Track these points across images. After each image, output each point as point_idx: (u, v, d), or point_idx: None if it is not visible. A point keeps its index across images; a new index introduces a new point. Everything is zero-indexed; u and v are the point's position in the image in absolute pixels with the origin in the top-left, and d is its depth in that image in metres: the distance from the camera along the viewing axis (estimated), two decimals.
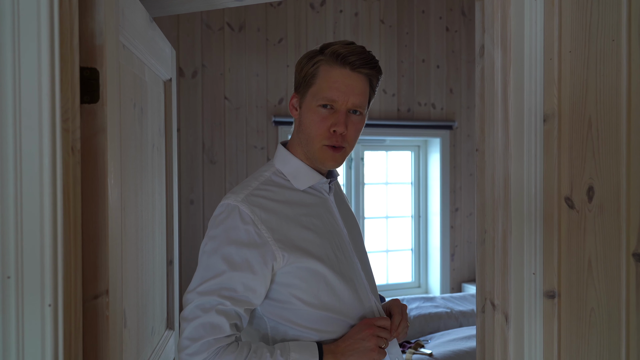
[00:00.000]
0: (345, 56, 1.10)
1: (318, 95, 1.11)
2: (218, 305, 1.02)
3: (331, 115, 1.11)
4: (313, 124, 1.11)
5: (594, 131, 0.99)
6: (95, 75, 0.93)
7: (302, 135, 1.14)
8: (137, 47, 1.23)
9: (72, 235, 0.84)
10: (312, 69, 1.12)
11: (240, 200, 1.08)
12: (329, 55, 1.11)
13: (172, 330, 1.65)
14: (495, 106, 1.14)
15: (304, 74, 1.13)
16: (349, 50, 1.10)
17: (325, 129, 1.11)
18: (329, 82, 1.10)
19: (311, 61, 1.13)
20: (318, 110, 1.11)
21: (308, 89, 1.13)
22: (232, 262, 1.04)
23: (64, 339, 0.80)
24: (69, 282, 0.83)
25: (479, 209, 1.22)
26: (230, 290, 1.03)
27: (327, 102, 1.10)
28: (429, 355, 2.63)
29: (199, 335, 1.01)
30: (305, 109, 1.13)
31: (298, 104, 1.16)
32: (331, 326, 1.10)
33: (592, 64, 0.99)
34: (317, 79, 1.11)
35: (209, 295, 1.03)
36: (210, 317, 1.01)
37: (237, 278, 1.04)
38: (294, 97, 1.17)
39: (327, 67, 1.11)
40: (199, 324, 1.01)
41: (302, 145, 1.16)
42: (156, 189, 1.47)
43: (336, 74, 1.10)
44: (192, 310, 1.03)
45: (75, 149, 0.86)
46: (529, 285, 1.08)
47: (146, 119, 1.34)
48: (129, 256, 1.16)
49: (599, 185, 0.99)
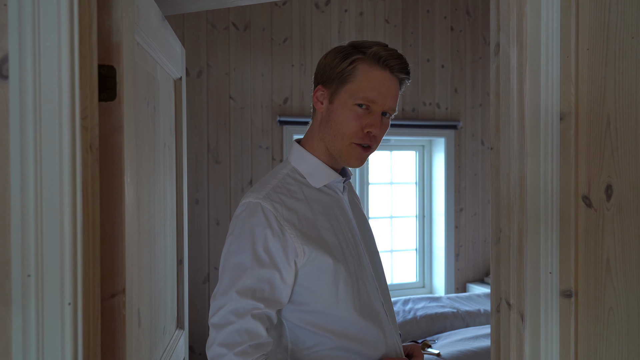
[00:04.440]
0: (386, 59, 1.11)
1: (357, 94, 1.10)
2: (253, 310, 1.01)
3: (366, 116, 1.11)
4: (346, 122, 1.11)
5: (612, 129, 0.99)
6: (112, 73, 0.92)
7: (329, 130, 1.13)
8: (151, 45, 1.22)
9: (90, 234, 0.84)
10: (350, 67, 1.11)
11: (262, 197, 1.07)
12: (371, 57, 1.11)
13: (182, 330, 1.65)
14: (510, 104, 1.13)
15: (340, 70, 1.12)
16: (390, 53, 1.11)
17: (359, 128, 1.11)
18: (370, 82, 1.10)
19: (348, 58, 1.12)
20: (354, 109, 1.11)
21: (343, 85, 1.12)
22: (261, 260, 1.03)
23: (83, 338, 0.80)
24: (88, 280, 0.82)
25: (493, 207, 1.21)
26: (262, 290, 1.02)
27: (366, 103, 1.10)
28: (437, 355, 2.62)
29: (235, 342, 0.99)
30: (339, 105, 1.12)
31: (326, 97, 1.15)
32: (348, 328, 1.10)
33: (610, 61, 0.99)
34: (356, 77, 1.11)
35: (243, 299, 1.01)
36: (245, 322, 1.00)
37: (267, 276, 1.03)
38: (320, 90, 1.15)
39: (366, 67, 1.11)
40: (234, 330, 0.99)
41: (326, 140, 1.15)
42: (167, 188, 1.46)
43: (377, 75, 1.11)
44: (225, 316, 1.01)
45: (93, 146, 0.85)
46: (545, 285, 1.07)
47: (158, 118, 1.33)
48: (143, 255, 1.16)
49: (618, 183, 0.98)
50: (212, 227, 3.27)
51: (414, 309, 3.19)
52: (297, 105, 3.48)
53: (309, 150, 1.18)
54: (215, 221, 3.27)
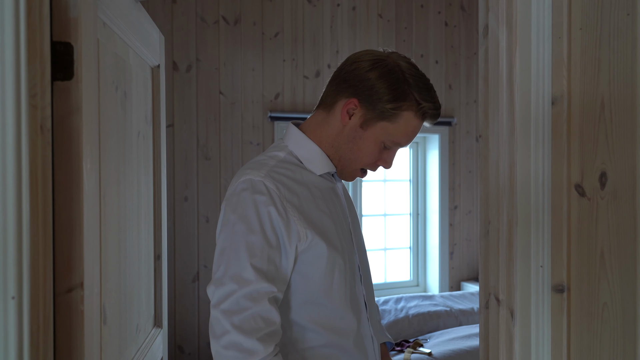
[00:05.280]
0: (431, 116, 1.11)
1: (391, 137, 1.10)
2: (269, 295, 0.96)
3: (385, 151, 1.13)
4: (369, 154, 1.12)
5: (607, 112, 0.93)
6: (70, 51, 0.86)
7: (347, 150, 1.11)
8: (120, 27, 1.15)
9: (41, 223, 0.77)
10: (397, 109, 1.07)
11: (263, 176, 1.02)
12: (421, 112, 1.09)
13: (160, 328, 1.58)
14: (500, 89, 1.07)
15: (388, 104, 1.07)
16: (435, 113, 1.12)
17: (374, 160, 1.13)
18: (407, 131, 1.10)
19: (399, 99, 1.07)
20: (380, 145, 1.11)
21: (382, 119, 1.08)
22: (269, 240, 0.98)
23: (30, 334, 0.73)
24: (37, 272, 0.76)
25: (482, 198, 1.15)
26: (272, 272, 0.97)
27: (393, 146, 1.12)
28: (428, 354, 2.56)
29: (253, 328, 0.93)
30: (369, 136, 1.10)
31: (358, 118, 1.09)
32: (336, 322, 1.06)
33: (604, 40, 0.93)
34: (398, 121, 1.09)
35: (258, 282, 0.95)
36: (261, 308, 0.94)
37: (273, 256, 0.98)
38: (354, 105, 1.08)
39: (411, 116, 1.09)
40: (249, 316, 0.93)
41: (339, 152, 1.12)
42: (142, 179, 1.39)
43: (415, 125, 1.11)
44: (239, 301, 0.94)
45: (44, 127, 0.79)
46: (536, 279, 1.01)
47: (130, 104, 1.27)
48: (110, 248, 1.09)
49: (613, 170, 0.92)
50: (202, 225, 3.20)
51: (406, 307, 3.12)
52: (289, 101, 3.42)
53: (312, 137, 1.13)
54: (205, 218, 3.21)
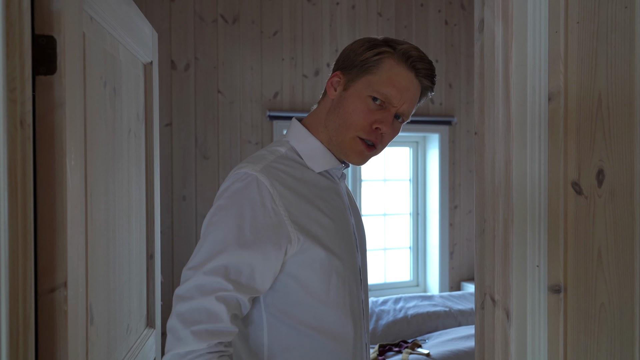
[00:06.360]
0: (415, 60, 1.06)
1: (374, 86, 1.04)
2: (219, 292, 0.91)
3: (378, 111, 1.04)
4: (356, 112, 1.04)
5: (604, 108, 0.90)
6: (53, 44, 0.84)
7: (335, 118, 1.06)
8: (109, 22, 1.13)
9: (20, 220, 0.75)
10: (376, 57, 1.04)
11: (259, 170, 0.97)
12: (400, 53, 1.05)
13: (152, 329, 1.56)
14: (495, 85, 1.05)
15: (364, 58, 1.05)
16: (420, 56, 1.07)
17: (368, 122, 1.04)
18: (390, 77, 1.04)
19: (375, 48, 1.05)
20: (367, 101, 1.04)
21: (364, 74, 1.05)
22: (243, 239, 0.93)
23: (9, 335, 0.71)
24: (16, 272, 0.74)
25: (478, 197, 1.13)
26: (237, 272, 0.92)
27: (381, 97, 1.04)
28: (426, 355, 2.54)
29: (193, 319, 0.90)
30: (352, 93, 1.05)
31: (341, 84, 1.07)
32: (332, 326, 1.02)
33: (602, 34, 0.90)
34: (379, 69, 1.04)
35: (213, 275, 0.91)
36: (207, 302, 0.91)
37: (247, 258, 0.93)
38: (337, 76, 1.08)
39: (392, 62, 1.05)
40: (193, 307, 0.91)
41: (330, 129, 1.07)
42: (133, 177, 1.37)
43: (401, 72, 1.05)
44: (189, 290, 0.92)
45: (25, 122, 0.77)
46: (532, 279, 0.99)
47: (120, 101, 1.25)
48: (97, 247, 1.07)
49: (610, 168, 0.90)
50: (200, 225, 3.18)
51: (405, 307, 3.09)
52: (288, 100, 3.40)
53: (311, 130, 1.10)
54: (203, 218, 3.19)
